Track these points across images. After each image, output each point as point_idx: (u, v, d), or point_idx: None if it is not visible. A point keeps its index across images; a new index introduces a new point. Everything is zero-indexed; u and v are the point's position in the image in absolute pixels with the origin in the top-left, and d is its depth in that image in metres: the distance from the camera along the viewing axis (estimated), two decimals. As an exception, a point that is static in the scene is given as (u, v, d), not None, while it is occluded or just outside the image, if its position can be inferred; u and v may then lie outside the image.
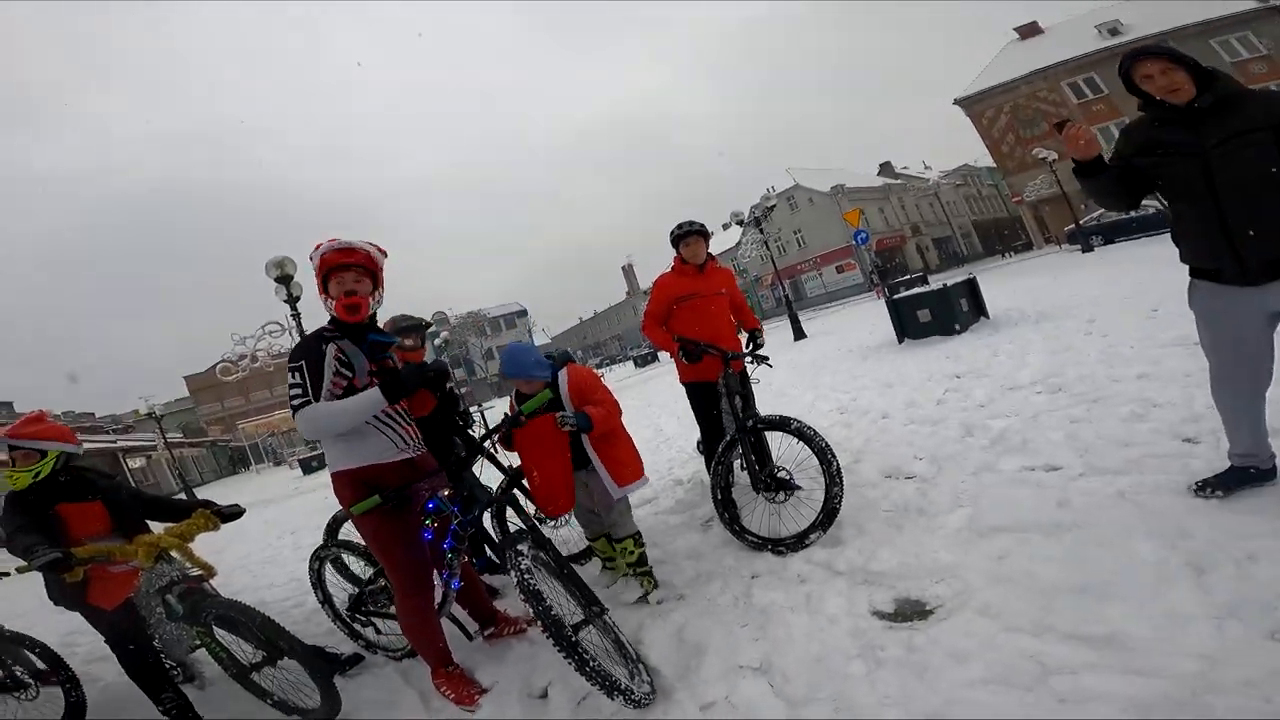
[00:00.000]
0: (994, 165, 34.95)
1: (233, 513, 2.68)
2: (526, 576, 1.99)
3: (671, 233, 3.55)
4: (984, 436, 3.51)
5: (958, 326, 7.50)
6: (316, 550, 3.09)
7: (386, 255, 2.35)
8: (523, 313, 64.97)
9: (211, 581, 2.66)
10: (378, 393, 2.12)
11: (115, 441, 30.87)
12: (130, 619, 2.49)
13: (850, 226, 23.40)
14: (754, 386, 3.59)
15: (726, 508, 2.94)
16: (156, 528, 2.67)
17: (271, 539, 7.17)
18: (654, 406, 9.65)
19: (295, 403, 2.15)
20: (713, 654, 2.17)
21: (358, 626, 2.97)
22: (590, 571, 3.12)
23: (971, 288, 8.25)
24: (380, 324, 2.58)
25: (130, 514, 2.73)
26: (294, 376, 2.14)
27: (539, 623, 1.95)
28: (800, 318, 17.05)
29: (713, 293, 3.53)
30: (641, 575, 2.76)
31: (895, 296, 8.55)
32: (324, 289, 2.25)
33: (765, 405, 4.05)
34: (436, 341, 27.34)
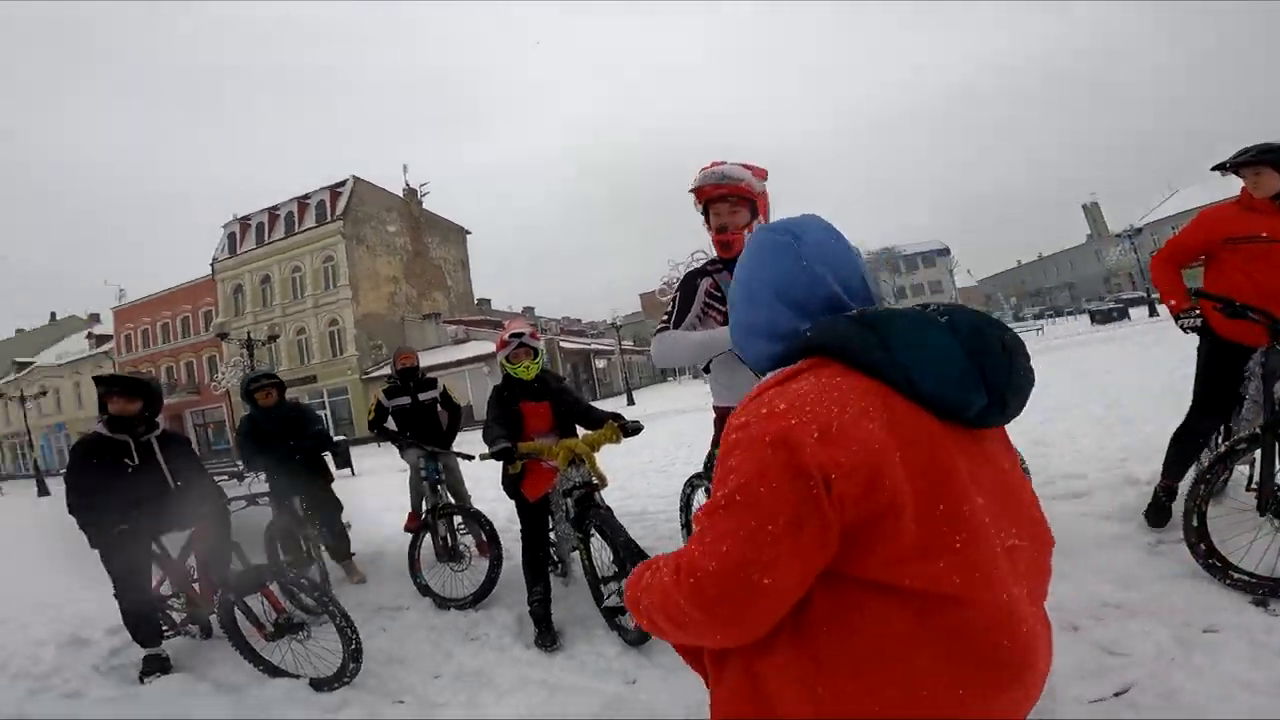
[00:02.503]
0: None
1: (634, 429, 2.94)
2: None
3: (1227, 161, 2.53)
4: None
5: None
6: (690, 477, 3.23)
7: (766, 176, 2.20)
8: (944, 251, 58.78)
9: (612, 484, 2.97)
10: (725, 332, 1.96)
11: (590, 344, 39.94)
12: (541, 513, 2.97)
13: None
14: None
15: (1200, 526, 2.14)
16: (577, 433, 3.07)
17: (671, 449, 8.23)
18: (1112, 374, 8.08)
19: (658, 327, 2.30)
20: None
21: None
22: None
23: None
24: None
25: (566, 417, 3.09)
26: (670, 304, 2.27)
27: None
28: None
29: None
30: None
31: None
32: (706, 219, 2.26)
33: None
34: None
